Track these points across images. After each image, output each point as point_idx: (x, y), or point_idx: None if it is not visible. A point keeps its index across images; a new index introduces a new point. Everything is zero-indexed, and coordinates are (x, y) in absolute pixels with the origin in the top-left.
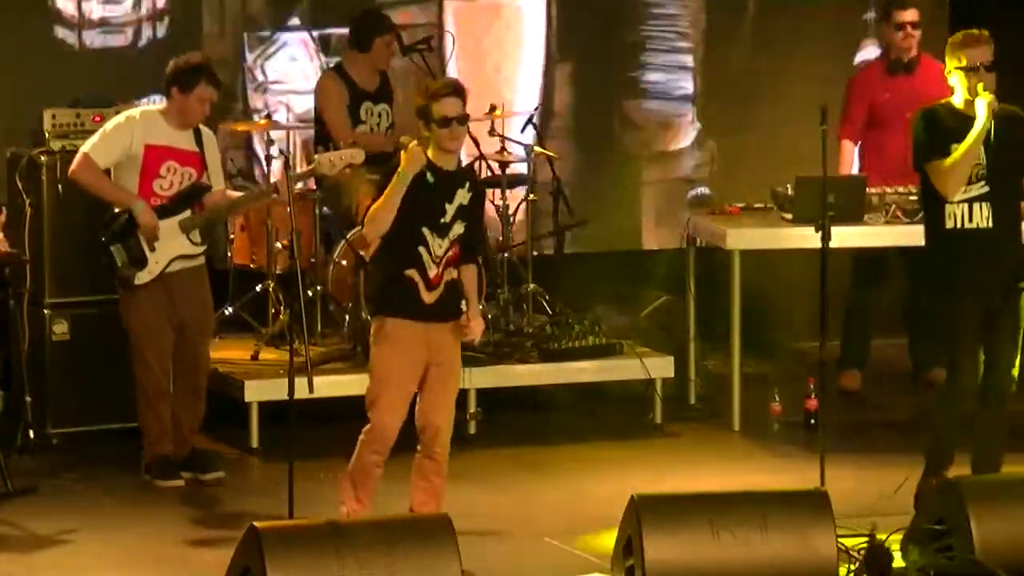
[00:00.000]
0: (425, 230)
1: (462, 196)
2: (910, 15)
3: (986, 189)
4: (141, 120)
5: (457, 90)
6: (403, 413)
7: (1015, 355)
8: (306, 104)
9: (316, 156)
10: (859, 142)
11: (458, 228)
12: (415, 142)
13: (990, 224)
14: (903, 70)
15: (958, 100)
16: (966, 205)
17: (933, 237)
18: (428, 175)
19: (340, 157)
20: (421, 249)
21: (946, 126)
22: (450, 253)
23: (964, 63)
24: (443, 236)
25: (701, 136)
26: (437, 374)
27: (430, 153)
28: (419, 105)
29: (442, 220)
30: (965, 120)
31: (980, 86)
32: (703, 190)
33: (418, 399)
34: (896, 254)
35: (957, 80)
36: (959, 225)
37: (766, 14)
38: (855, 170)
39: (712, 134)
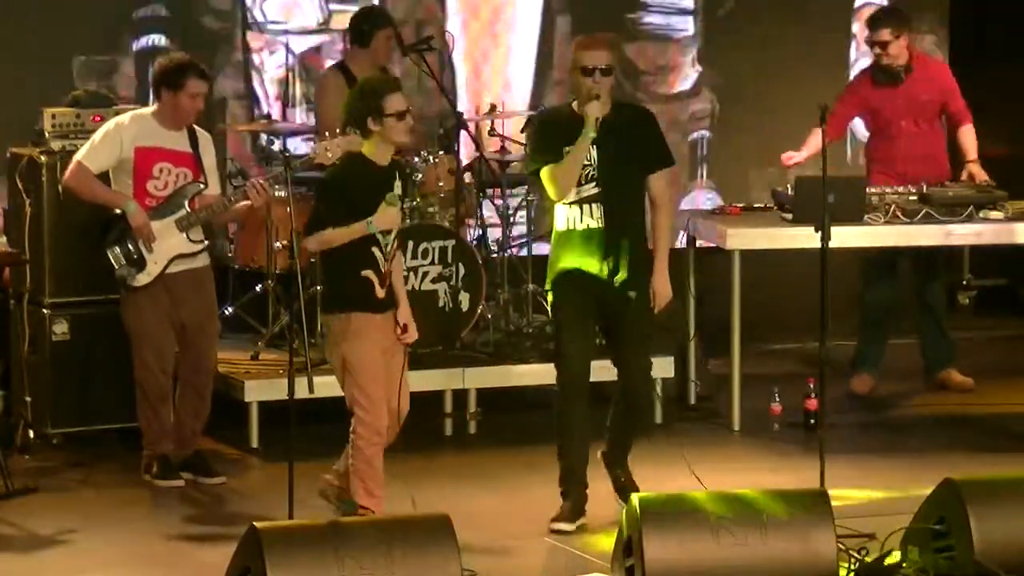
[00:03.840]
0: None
1: (398, 188)
2: (881, 35)
3: (597, 190)
4: (130, 123)
5: (400, 87)
6: (388, 399)
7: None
8: (307, 43)
9: (313, 145)
10: (839, 137)
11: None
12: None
13: (602, 224)
14: (891, 80)
15: (576, 104)
16: (578, 206)
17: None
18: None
19: (336, 144)
20: (375, 249)
21: (559, 130)
22: (394, 246)
23: (579, 65)
24: (390, 232)
25: (701, 80)
26: (395, 362)
27: (368, 149)
28: (367, 102)
29: None
30: (579, 123)
31: (591, 92)
32: (704, 133)
33: None
34: (905, 253)
35: (574, 83)
36: (572, 226)
37: None
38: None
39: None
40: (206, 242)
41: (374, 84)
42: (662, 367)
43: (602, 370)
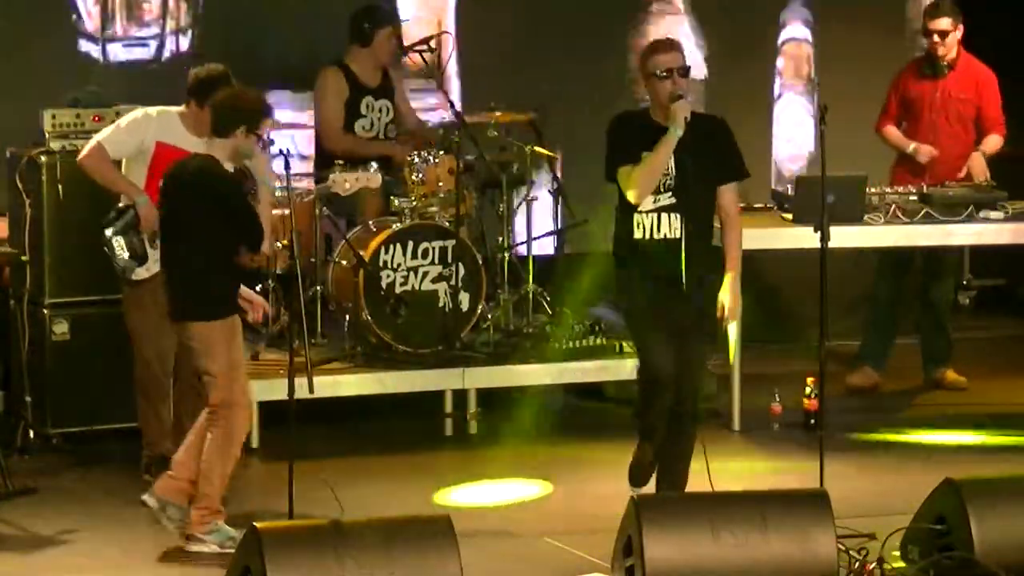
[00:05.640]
0: None
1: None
2: (940, 24)
3: (674, 200)
4: (157, 118)
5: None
6: None
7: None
8: None
9: (332, 176)
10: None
11: None
12: None
13: (680, 235)
14: (933, 73)
15: (654, 108)
16: (655, 215)
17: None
18: None
19: (356, 179)
20: None
21: (636, 135)
22: None
23: (655, 70)
24: None
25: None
26: None
27: (221, 153)
28: (249, 116)
29: None
30: (658, 129)
31: (674, 93)
32: None
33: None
34: (920, 251)
35: (651, 89)
36: (647, 236)
37: None
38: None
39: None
40: None
41: (261, 102)
42: None
43: (601, 371)
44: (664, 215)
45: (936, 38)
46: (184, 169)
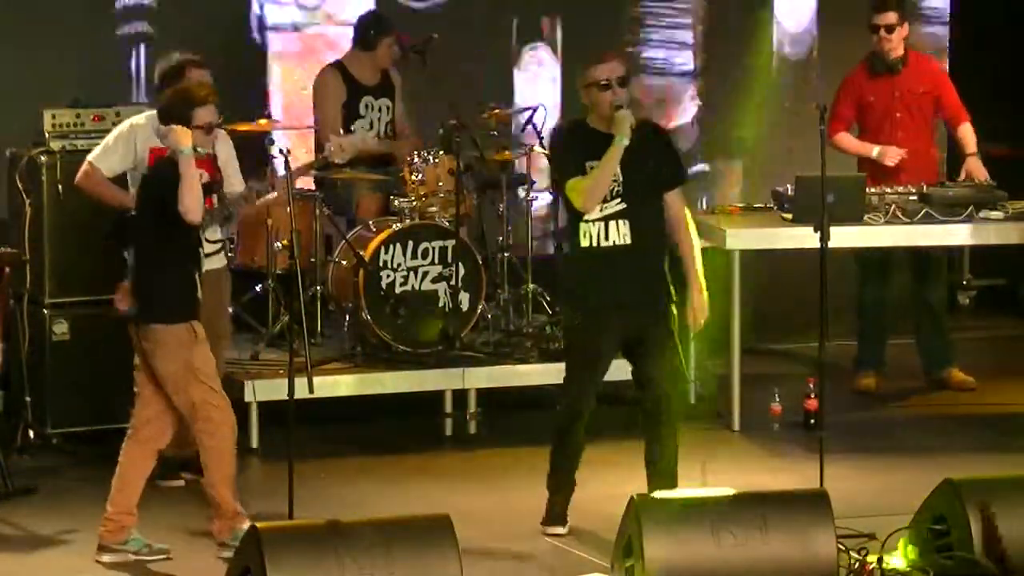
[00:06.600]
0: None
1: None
2: (886, 18)
3: (623, 206)
4: (144, 125)
5: (214, 99)
6: None
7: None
8: None
9: (327, 145)
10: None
11: None
12: None
13: (629, 241)
14: (886, 71)
15: (592, 117)
16: (603, 223)
17: (571, 254)
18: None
19: (351, 143)
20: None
21: (579, 145)
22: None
23: (596, 80)
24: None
25: (701, 113)
26: None
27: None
28: (179, 110)
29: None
30: (600, 137)
31: (615, 103)
32: (702, 167)
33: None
34: (901, 252)
35: (591, 99)
36: (596, 244)
37: None
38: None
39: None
40: (223, 240)
41: (185, 94)
42: None
43: (616, 370)
44: (612, 222)
45: (883, 32)
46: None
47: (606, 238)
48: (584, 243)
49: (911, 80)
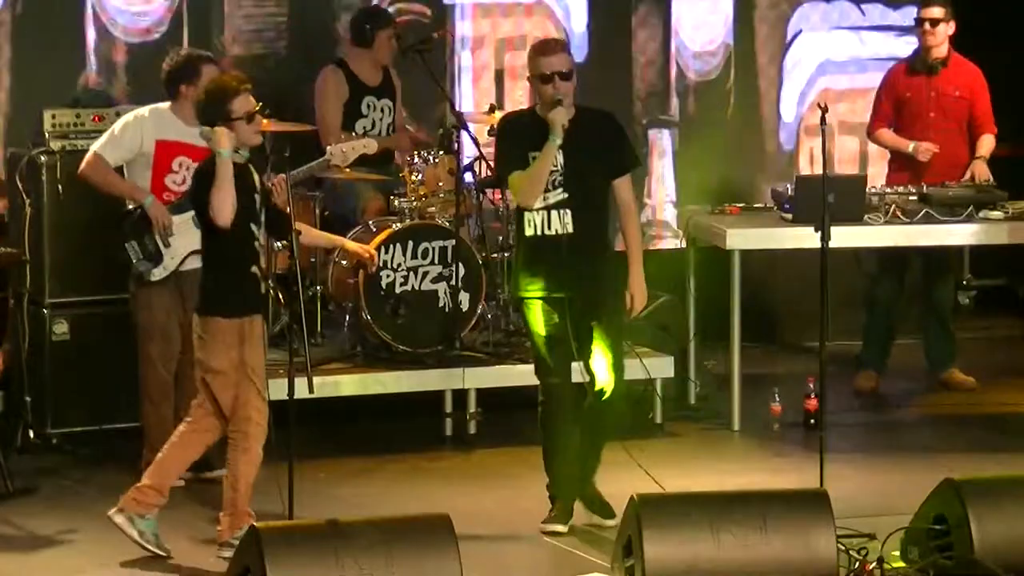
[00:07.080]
0: (252, 226)
1: (257, 181)
2: (930, 12)
3: (565, 195)
4: (151, 117)
5: (247, 88)
6: None
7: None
8: None
9: (329, 147)
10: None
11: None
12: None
13: (570, 230)
14: (925, 70)
15: (541, 106)
16: (545, 212)
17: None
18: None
19: (352, 147)
20: (256, 244)
21: (524, 135)
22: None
23: (540, 71)
24: (260, 226)
25: None
26: None
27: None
28: (215, 108)
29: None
30: (543, 128)
31: (554, 97)
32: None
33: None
34: (916, 253)
35: (535, 89)
36: (539, 232)
37: None
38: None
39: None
40: None
41: (219, 88)
42: (662, 367)
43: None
44: (555, 212)
45: (927, 26)
46: None
47: (548, 227)
48: (528, 232)
49: (947, 83)
